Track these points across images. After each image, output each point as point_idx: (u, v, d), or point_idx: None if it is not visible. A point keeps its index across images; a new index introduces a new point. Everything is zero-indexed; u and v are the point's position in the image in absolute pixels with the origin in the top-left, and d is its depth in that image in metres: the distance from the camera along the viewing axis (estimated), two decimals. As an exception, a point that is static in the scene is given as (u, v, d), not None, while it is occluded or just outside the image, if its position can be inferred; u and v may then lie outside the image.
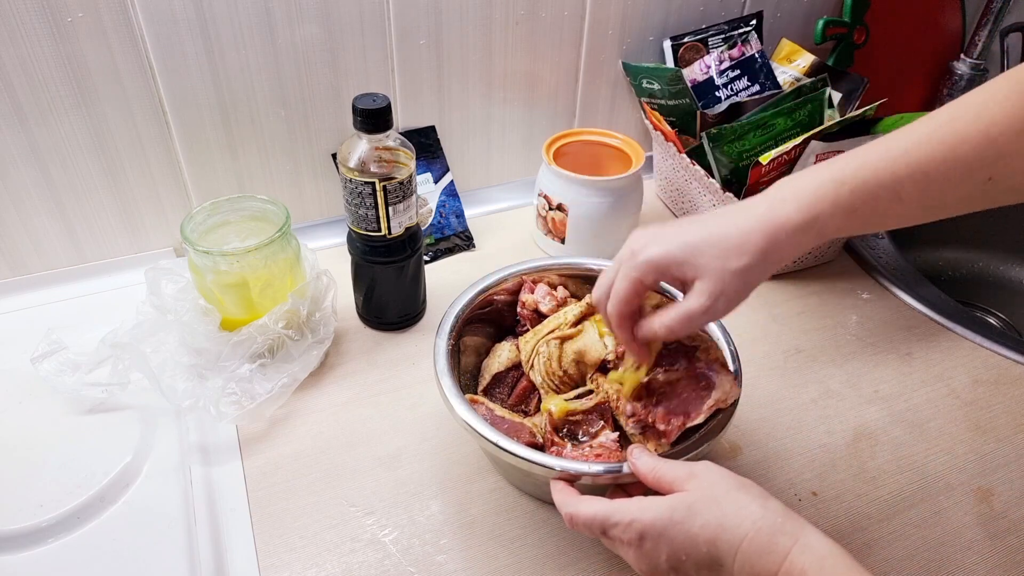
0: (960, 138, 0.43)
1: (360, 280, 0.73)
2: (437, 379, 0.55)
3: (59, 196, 0.73)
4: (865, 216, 0.45)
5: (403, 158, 0.65)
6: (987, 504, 0.60)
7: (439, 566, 0.54)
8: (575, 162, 0.82)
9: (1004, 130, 0.42)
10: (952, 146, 0.43)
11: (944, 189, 0.44)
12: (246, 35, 0.71)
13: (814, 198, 0.45)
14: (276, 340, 0.65)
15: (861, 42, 0.95)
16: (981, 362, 0.73)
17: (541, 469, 0.48)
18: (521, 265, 0.65)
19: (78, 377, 0.63)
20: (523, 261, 0.66)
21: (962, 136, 0.43)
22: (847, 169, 0.45)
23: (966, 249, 1.07)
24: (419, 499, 0.58)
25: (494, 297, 0.64)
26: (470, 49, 0.82)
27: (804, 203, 0.45)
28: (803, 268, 0.85)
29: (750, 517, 0.41)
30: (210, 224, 0.67)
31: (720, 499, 0.42)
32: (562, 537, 0.56)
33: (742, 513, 0.41)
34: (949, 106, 0.45)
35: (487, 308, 0.64)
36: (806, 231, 0.45)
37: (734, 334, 0.59)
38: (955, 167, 0.43)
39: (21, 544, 0.53)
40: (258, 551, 0.54)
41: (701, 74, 0.88)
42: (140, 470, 0.59)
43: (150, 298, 0.65)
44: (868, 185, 0.44)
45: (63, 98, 0.68)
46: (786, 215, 0.45)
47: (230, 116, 0.75)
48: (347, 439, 0.63)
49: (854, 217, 0.45)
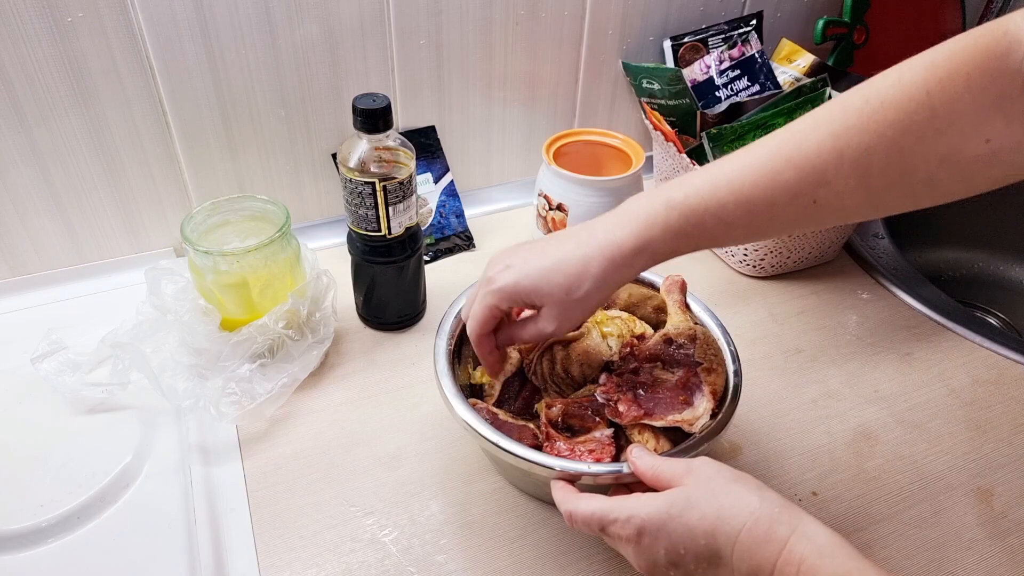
0: (783, 165, 0.45)
1: (360, 280, 0.73)
2: (437, 379, 0.55)
3: (59, 196, 0.73)
4: (695, 238, 0.48)
5: (403, 158, 0.65)
6: (987, 504, 0.60)
7: (439, 566, 0.54)
8: (575, 162, 0.82)
9: (826, 156, 0.44)
10: (775, 172, 0.45)
11: (769, 213, 0.46)
12: (246, 35, 0.71)
13: (646, 223, 0.47)
14: (276, 340, 0.65)
15: (861, 42, 0.95)
16: (981, 362, 0.73)
17: (541, 469, 0.48)
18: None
19: (78, 377, 0.63)
20: (523, 261, 0.66)
21: (785, 163, 0.45)
22: (677, 195, 0.47)
23: (966, 249, 1.07)
24: (419, 499, 0.58)
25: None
26: (470, 49, 0.82)
27: (637, 228, 0.48)
28: (803, 268, 0.85)
29: (747, 508, 0.41)
30: (210, 224, 0.67)
31: (717, 492, 0.42)
32: (562, 537, 0.56)
33: (739, 504, 0.41)
34: (776, 133, 0.47)
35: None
36: (639, 254, 0.48)
37: (734, 334, 0.59)
38: (778, 192, 0.45)
39: (21, 544, 0.53)
40: (258, 551, 0.54)
41: (701, 74, 0.88)
42: (140, 470, 0.59)
43: (150, 298, 0.65)
44: (696, 210, 0.47)
45: (63, 98, 0.68)
46: (621, 240, 0.48)
47: (230, 116, 0.75)
48: (347, 439, 0.63)
49: (684, 239, 0.48)
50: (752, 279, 0.84)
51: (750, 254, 0.82)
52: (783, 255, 0.82)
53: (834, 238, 0.84)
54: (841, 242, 0.86)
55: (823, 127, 0.45)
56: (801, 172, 0.45)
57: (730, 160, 0.48)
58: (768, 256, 0.82)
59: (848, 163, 0.44)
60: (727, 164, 0.47)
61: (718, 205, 0.46)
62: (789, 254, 0.82)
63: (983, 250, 1.06)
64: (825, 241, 0.83)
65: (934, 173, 0.43)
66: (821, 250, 0.84)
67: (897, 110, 0.42)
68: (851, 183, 0.44)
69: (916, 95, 0.42)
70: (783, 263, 0.83)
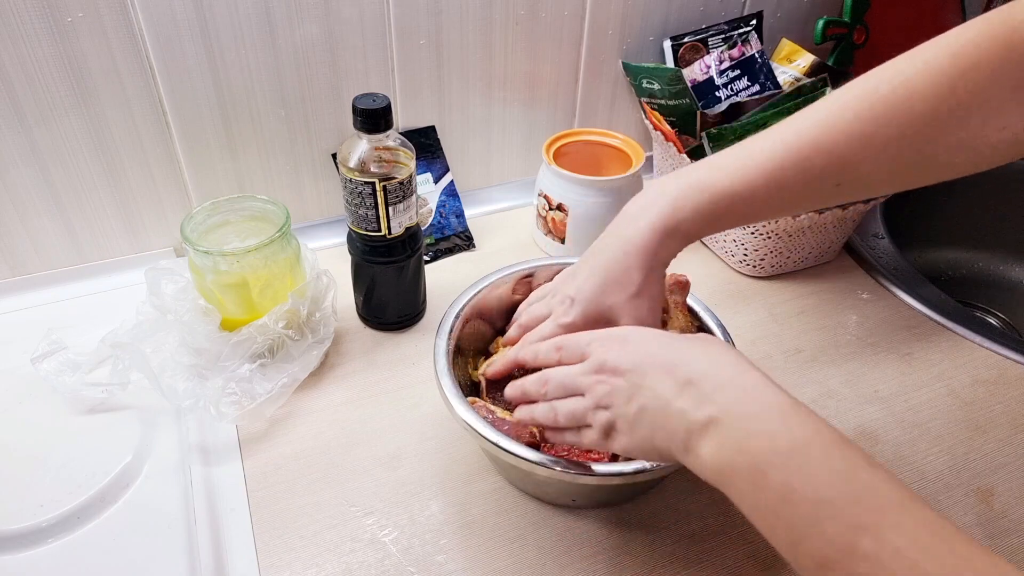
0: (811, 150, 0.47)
1: (360, 280, 0.73)
2: (437, 379, 0.55)
3: (59, 196, 0.73)
4: (724, 219, 0.50)
5: (403, 158, 0.65)
6: (987, 504, 0.60)
7: (439, 566, 0.54)
8: (575, 162, 0.82)
9: (854, 144, 0.46)
10: (803, 157, 0.47)
11: (796, 195, 0.48)
12: (246, 35, 0.71)
13: (675, 207, 0.49)
14: (276, 340, 0.65)
15: (861, 42, 0.95)
16: (981, 362, 0.73)
17: (541, 469, 0.48)
18: (521, 265, 0.65)
19: (78, 377, 0.63)
20: (523, 261, 0.66)
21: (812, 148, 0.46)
22: (706, 178, 0.49)
23: (966, 249, 1.07)
24: (419, 499, 0.58)
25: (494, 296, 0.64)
26: (470, 49, 0.82)
27: (666, 211, 0.49)
28: (803, 268, 0.85)
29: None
30: (210, 224, 0.67)
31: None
32: (562, 537, 0.56)
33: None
34: (802, 114, 0.48)
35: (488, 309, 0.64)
36: (672, 236, 0.49)
37: (734, 334, 0.59)
38: (806, 176, 0.47)
39: (21, 544, 0.53)
40: (258, 551, 0.54)
41: (701, 74, 0.88)
42: (140, 470, 0.59)
43: (150, 298, 0.65)
44: (726, 193, 0.48)
45: (63, 98, 0.68)
46: (651, 227, 0.49)
47: (230, 116, 0.75)
48: (347, 439, 0.63)
49: (715, 221, 0.50)
50: (752, 279, 0.84)
51: (750, 254, 0.82)
52: (783, 255, 0.82)
53: (834, 238, 0.84)
54: (841, 242, 0.86)
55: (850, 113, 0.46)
56: (830, 157, 0.46)
57: (758, 141, 0.49)
58: (768, 256, 0.82)
59: (874, 150, 0.45)
60: (755, 146, 0.48)
61: (749, 189, 0.48)
62: (789, 254, 0.82)
63: (983, 250, 1.06)
64: (825, 241, 0.83)
65: (952, 157, 0.45)
66: (821, 250, 0.84)
67: (924, 101, 0.44)
68: (874, 167, 0.46)
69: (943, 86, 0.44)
70: (783, 263, 0.83)
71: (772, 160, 0.47)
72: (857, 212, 0.80)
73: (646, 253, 0.49)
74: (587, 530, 0.56)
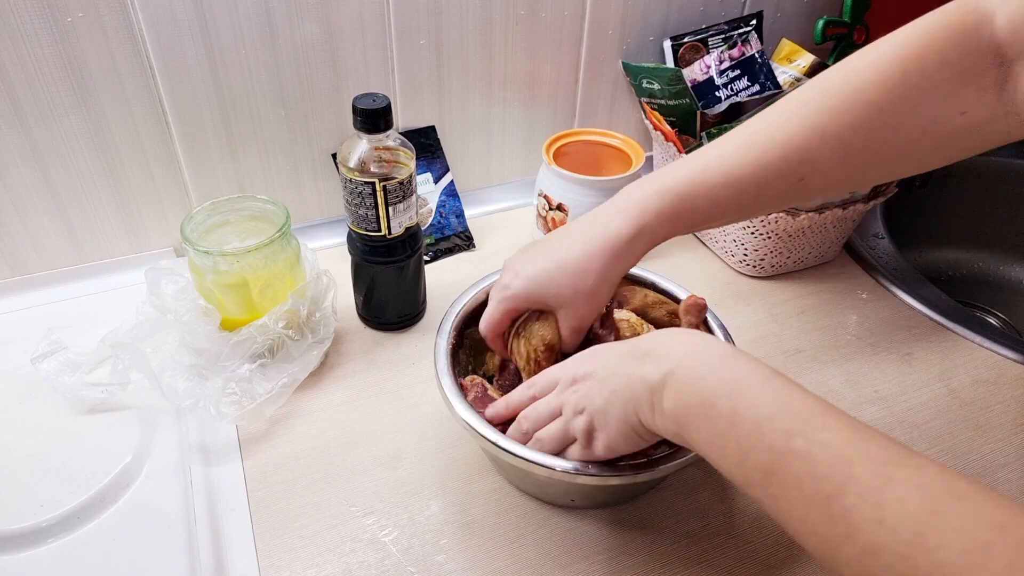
0: (768, 145, 0.47)
1: (360, 280, 0.73)
2: (437, 379, 0.55)
3: (59, 196, 0.73)
4: (688, 220, 0.50)
5: (403, 158, 0.65)
6: (987, 504, 0.60)
7: (439, 566, 0.54)
8: (575, 162, 0.82)
9: (808, 136, 0.46)
10: (761, 153, 0.47)
11: (758, 192, 0.49)
12: (246, 35, 0.71)
13: (640, 210, 0.50)
14: (276, 340, 0.65)
15: (861, 42, 0.95)
16: (981, 362, 0.73)
17: (541, 469, 0.48)
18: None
19: (78, 377, 0.63)
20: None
21: (769, 143, 0.47)
22: (668, 180, 0.50)
23: (966, 249, 1.07)
24: (419, 499, 0.58)
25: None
26: (470, 49, 0.82)
27: (631, 215, 0.50)
28: (803, 268, 0.85)
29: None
30: (210, 224, 0.67)
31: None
32: (562, 537, 0.56)
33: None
34: (762, 114, 0.49)
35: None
36: (636, 240, 0.50)
37: (734, 334, 0.59)
38: (765, 172, 0.47)
39: (21, 544, 0.53)
40: (258, 551, 0.54)
41: (701, 74, 0.88)
42: (140, 470, 0.59)
43: (150, 298, 0.65)
44: (687, 194, 0.49)
45: (63, 98, 0.68)
46: (617, 230, 0.50)
47: (230, 116, 0.75)
48: (347, 439, 0.63)
49: (678, 222, 0.50)
50: (752, 279, 0.84)
51: (750, 254, 0.82)
52: (783, 255, 0.82)
53: (834, 238, 0.84)
54: (841, 242, 0.86)
55: (805, 108, 0.47)
56: (786, 151, 0.47)
57: (719, 143, 0.50)
58: (768, 256, 0.82)
59: (830, 141, 0.46)
60: (716, 148, 0.49)
61: (708, 188, 0.49)
62: (789, 254, 0.82)
63: (983, 250, 1.06)
64: (825, 241, 0.83)
65: (913, 146, 0.46)
66: (821, 250, 0.84)
67: (875, 89, 0.45)
68: (834, 160, 0.47)
69: (892, 74, 0.44)
70: (783, 263, 0.83)
71: (730, 158, 0.48)
72: (857, 212, 0.80)
73: (604, 260, 0.50)
74: (587, 530, 0.56)
